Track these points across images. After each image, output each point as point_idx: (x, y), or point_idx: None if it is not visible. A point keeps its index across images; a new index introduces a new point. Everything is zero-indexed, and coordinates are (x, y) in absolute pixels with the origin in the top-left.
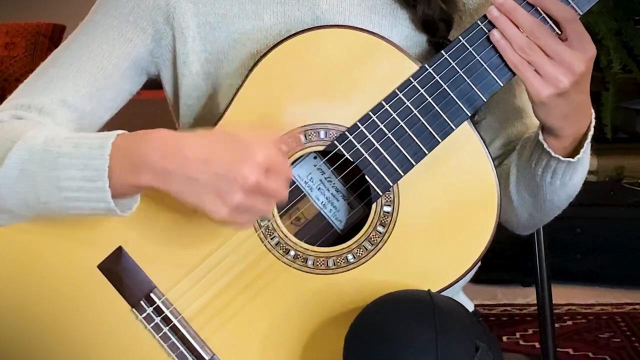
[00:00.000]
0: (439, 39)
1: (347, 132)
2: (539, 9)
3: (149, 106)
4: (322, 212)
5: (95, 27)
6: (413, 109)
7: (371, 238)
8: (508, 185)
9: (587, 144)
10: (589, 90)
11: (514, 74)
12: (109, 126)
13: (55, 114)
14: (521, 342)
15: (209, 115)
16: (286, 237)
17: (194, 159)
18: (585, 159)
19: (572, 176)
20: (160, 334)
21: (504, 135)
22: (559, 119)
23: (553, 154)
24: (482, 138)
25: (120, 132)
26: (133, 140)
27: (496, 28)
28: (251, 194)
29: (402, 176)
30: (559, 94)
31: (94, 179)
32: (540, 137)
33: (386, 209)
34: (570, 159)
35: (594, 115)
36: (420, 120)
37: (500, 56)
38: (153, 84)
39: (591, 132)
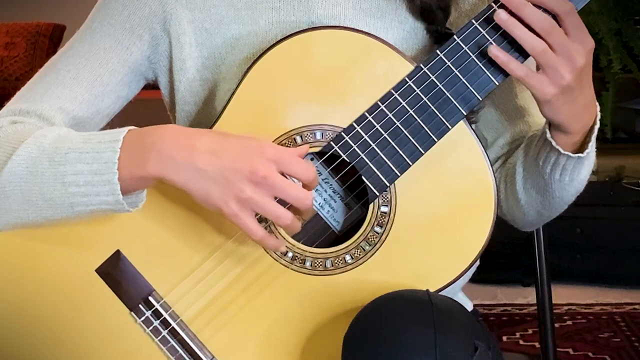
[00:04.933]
0: (436, 27)
1: (343, 133)
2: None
3: (149, 106)
4: (319, 213)
5: (92, 34)
6: (409, 109)
7: (369, 238)
8: (514, 184)
9: (594, 138)
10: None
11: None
12: (108, 126)
13: (53, 121)
14: (521, 342)
15: (206, 120)
16: (284, 238)
17: (203, 151)
18: (592, 153)
19: (580, 171)
20: (159, 337)
21: (507, 134)
22: (566, 115)
23: (562, 151)
24: (478, 137)
25: (131, 127)
26: (143, 133)
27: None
28: (260, 188)
29: (398, 176)
30: (563, 90)
31: (102, 172)
32: (548, 135)
33: (383, 209)
34: (580, 154)
35: (598, 108)
36: (416, 120)
37: None
38: (153, 84)
39: (597, 126)
